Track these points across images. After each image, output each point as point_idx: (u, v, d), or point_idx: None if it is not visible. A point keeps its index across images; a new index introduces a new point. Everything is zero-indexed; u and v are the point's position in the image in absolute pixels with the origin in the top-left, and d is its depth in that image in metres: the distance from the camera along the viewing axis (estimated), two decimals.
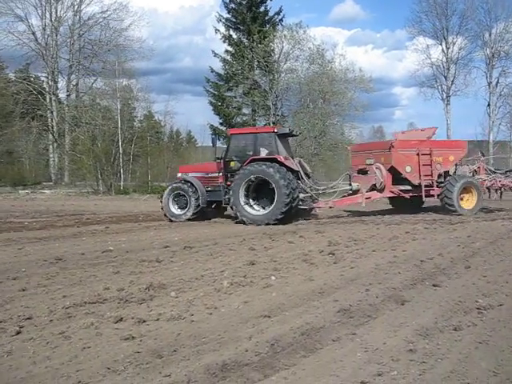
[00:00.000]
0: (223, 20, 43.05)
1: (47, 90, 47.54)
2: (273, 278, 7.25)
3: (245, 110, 43.14)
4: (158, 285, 6.75)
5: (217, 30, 42.96)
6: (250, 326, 5.00)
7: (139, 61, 48.20)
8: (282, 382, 3.71)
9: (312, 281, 7.07)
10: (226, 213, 18.25)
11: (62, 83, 48.85)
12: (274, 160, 15.68)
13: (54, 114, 46.25)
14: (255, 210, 15.94)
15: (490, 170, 19.21)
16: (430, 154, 17.61)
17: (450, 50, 47.63)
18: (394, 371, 3.86)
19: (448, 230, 13.15)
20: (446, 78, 48.17)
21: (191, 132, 73.40)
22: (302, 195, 16.37)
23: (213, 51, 43.11)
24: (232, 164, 16.83)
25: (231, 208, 16.38)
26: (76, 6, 47.22)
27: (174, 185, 17.51)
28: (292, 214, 16.00)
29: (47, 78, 47.82)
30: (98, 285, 6.96)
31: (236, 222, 16.18)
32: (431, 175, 17.58)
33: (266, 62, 38.20)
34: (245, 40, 41.96)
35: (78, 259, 9.31)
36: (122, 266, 8.47)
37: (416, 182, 17.55)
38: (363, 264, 8.31)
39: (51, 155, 49.33)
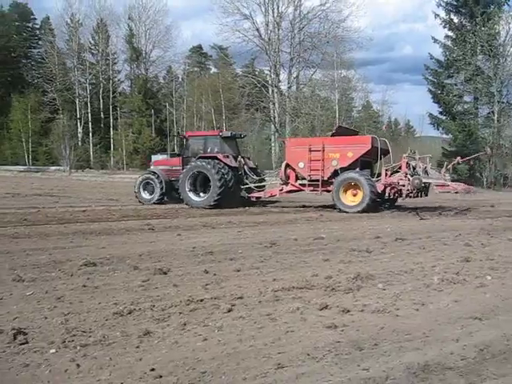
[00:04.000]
0: (443, 4, 41.07)
1: (270, 82, 49.96)
2: (488, 277, 6.71)
3: (466, 98, 40.80)
4: (366, 275, 6.67)
5: (436, 15, 41.19)
6: (458, 328, 4.68)
7: (357, 51, 48.51)
8: None
9: None
10: None
11: (283, 76, 50.96)
12: (215, 157, 18.90)
13: (276, 105, 48.41)
14: (198, 197, 19.08)
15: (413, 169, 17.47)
16: (321, 151, 17.99)
17: None
18: None
19: None
20: None
21: (410, 122, 71.76)
22: (242, 186, 19.64)
23: (432, 37, 41.44)
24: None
25: (178, 194, 19.55)
26: (296, 1, 48.79)
27: (145, 175, 20.93)
28: (235, 201, 19.12)
29: (270, 71, 50.30)
30: (307, 271, 7.10)
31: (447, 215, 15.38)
32: (323, 170, 17.91)
33: (490, 45, 35.64)
34: (467, 23, 39.53)
35: (290, 244, 9.63)
36: (332, 254, 8.55)
37: (308, 178, 18.35)
38: None
39: (273, 144, 51.83)
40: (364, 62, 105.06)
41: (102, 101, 63.37)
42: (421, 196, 17.88)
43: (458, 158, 19.20)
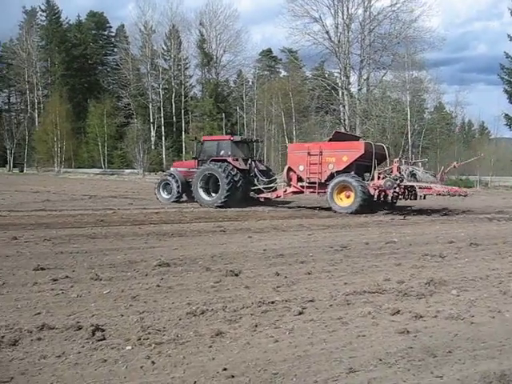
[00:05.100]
0: None
1: (340, 85, 49.44)
2: None
3: None
4: (439, 281, 6.54)
5: None
6: None
7: (429, 51, 46.98)
8: None
9: None
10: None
11: (353, 78, 50.25)
12: (225, 160, 20.00)
13: (346, 107, 47.87)
14: (209, 197, 20.23)
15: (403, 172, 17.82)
16: (318, 155, 18.86)
17: None
18: None
19: None
20: None
21: (484, 123, 69.32)
22: (252, 188, 20.67)
23: (508, 35, 39.98)
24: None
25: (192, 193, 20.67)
26: (366, 2, 48.02)
27: (164, 177, 22.69)
28: (245, 201, 20.27)
29: (340, 73, 49.73)
30: (379, 275, 7.04)
31: None
32: (320, 173, 18.77)
33: None
34: None
35: (361, 248, 9.57)
36: (404, 259, 8.43)
37: (307, 180, 19.31)
38: None
39: None
40: (436, 63, 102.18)
41: (174, 105, 64.76)
42: (411, 199, 18.20)
43: (454, 162, 20.34)
